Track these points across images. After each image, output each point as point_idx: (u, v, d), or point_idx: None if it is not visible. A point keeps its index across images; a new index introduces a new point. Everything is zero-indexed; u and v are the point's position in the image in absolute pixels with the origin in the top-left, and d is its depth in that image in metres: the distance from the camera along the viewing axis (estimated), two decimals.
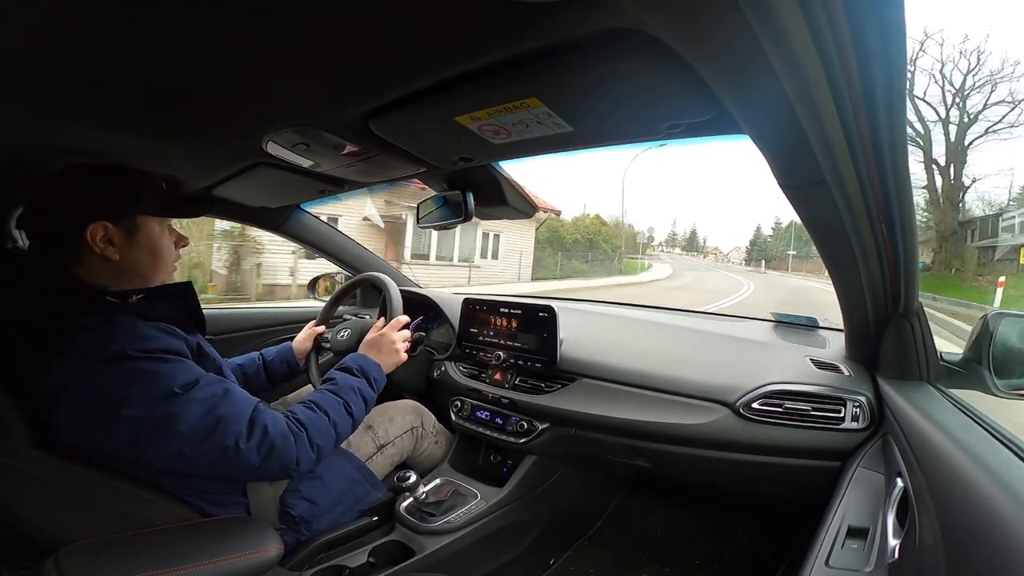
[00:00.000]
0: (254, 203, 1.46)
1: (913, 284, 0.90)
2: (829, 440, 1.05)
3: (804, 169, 0.63)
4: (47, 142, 0.85)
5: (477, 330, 1.60)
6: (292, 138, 0.85)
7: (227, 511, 0.94)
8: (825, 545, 0.76)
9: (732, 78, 0.50)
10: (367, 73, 0.63)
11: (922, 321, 0.98)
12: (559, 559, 1.59)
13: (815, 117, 0.52)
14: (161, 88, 0.66)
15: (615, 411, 1.26)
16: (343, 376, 1.08)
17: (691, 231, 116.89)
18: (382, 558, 1.17)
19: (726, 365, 1.27)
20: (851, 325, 1.13)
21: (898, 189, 0.66)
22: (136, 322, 0.82)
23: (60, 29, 0.51)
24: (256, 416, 0.87)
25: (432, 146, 0.91)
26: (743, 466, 1.16)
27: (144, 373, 0.78)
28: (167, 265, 0.95)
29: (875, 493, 0.86)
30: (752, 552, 1.62)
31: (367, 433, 1.29)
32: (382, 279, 1.42)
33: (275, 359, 1.38)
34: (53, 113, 0.74)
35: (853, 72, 0.47)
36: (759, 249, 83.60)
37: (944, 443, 0.69)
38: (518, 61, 0.58)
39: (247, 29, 0.52)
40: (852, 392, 1.07)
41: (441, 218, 1.30)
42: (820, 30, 0.41)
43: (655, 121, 0.71)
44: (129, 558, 0.77)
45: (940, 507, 0.60)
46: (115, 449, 0.78)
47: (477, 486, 1.40)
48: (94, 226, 0.83)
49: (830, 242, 0.82)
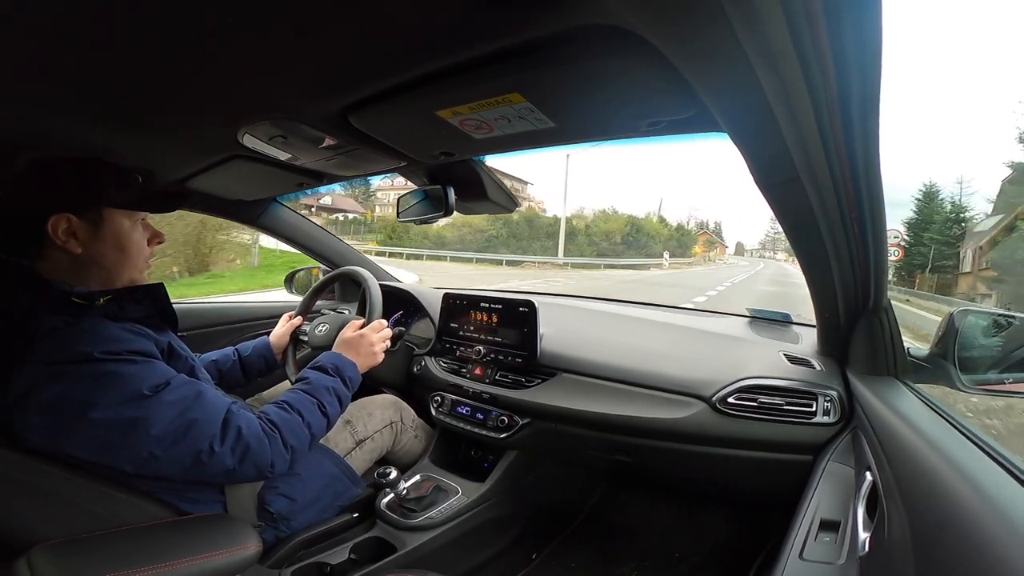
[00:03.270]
0: (230, 196, 1.43)
1: (882, 281, 0.92)
2: (801, 434, 1.08)
3: (780, 167, 0.65)
4: (16, 133, 0.82)
5: (457, 325, 1.59)
6: (269, 130, 0.83)
7: (204, 509, 0.92)
8: (799, 538, 0.78)
9: (712, 77, 0.51)
10: (346, 66, 0.62)
11: (891, 317, 1.01)
12: (541, 554, 1.60)
13: (792, 117, 0.53)
14: (132, 77, 0.64)
15: (595, 405, 1.27)
16: (317, 375, 1.07)
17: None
18: (363, 554, 1.17)
19: (703, 360, 1.29)
20: (823, 321, 1.16)
21: (869, 189, 0.68)
22: (103, 323, 0.80)
23: (30, 17, 0.49)
24: (230, 418, 0.85)
25: (413, 140, 0.90)
26: (720, 459, 1.18)
27: (112, 375, 0.76)
28: (135, 262, 0.92)
29: (846, 487, 0.89)
30: (730, 545, 1.65)
31: (345, 428, 1.28)
32: (362, 274, 1.41)
33: (251, 354, 1.36)
34: (21, 103, 0.71)
35: (830, 72, 0.47)
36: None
37: (911, 437, 0.71)
38: (501, 56, 0.58)
39: (221, 18, 0.50)
40: (823, 387, 1.09)
41: (422, 212, 1.29)
42: (800, 31, 0.42)
43: (636, 118, 0.72)
44: (103, 557, 0.75)
45: (907, 500, 0.62)
46: (84, 454, 0.76)
47: (458, 481, 1.40)
48: (56, 218, 0.80)
49: (804, 239, 0.84)
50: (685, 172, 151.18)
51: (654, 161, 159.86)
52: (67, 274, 0.83)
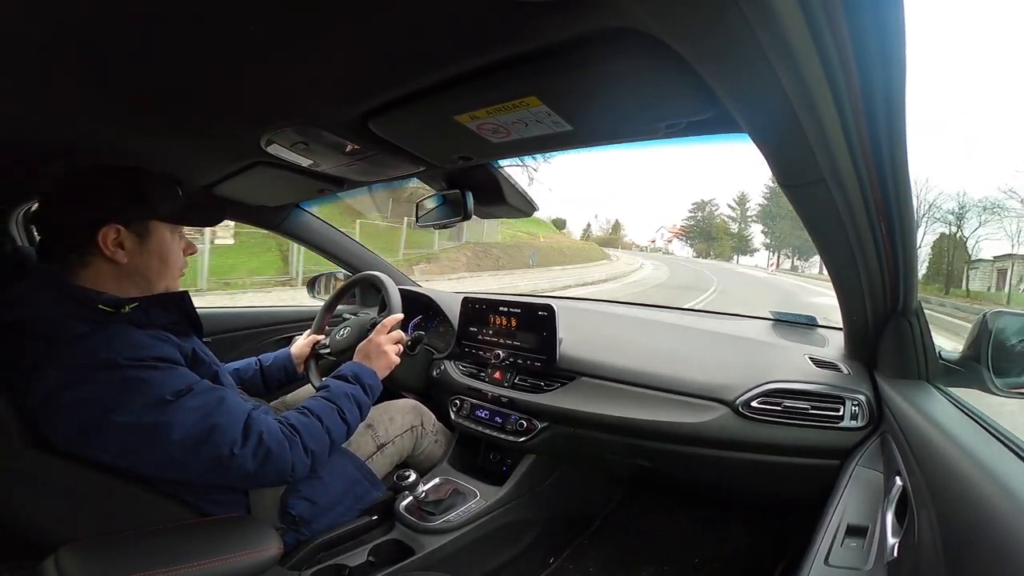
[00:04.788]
0: (253, 202, 1.46)
1: (912, 283, 0.90)
2: (828, 439, 1.05)
3: (803, 168, 0.64)
4: (46, 140, 0.85)
5: (476, 329, 1.60)
6: (292, 137, 0.85)
7: (228, 511, 0.94)
8: (824, 543, 0.76)
9: (732, 77, 0.50)
10: (367, 72, 0.64)
11: (921, 320, 0.98)
12: (558, 558, 1.59)
13: (814, 116, 0.52)
14: (161, 86, 0.66)
15: (614, 410, 1.26)
16: (337, 383, 1.08)
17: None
18: (382, 557, 1.17)
19: (725, 364, 1.27)
20: (850, 324, 1.13)
21: (897, 189, 0.66)
22: (129, 330, 0.82)
23: (61, 25, 0.51)
24: (251, 423, 0.87)
25: (431, 145, 0.91)
26: (743, 465, 1.16)
27: (135, 381, 0.77)
28: (174, 272, 0.95)
29: (874, 492, 0.87)
30: (751, 551, 1.62)
31: (367, 432, 1.29)
32: (380, 278, 1.42)
33: (273, 365, 1.38)
34: (52, 111, 0.74)
35: (852, 71, 0.47)
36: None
37: (943, 442, 0.69)
38: (517, 60, 0.58)
39: (247, 28, 0.52)
40: (851, 391, 1.07)
41: (440, 217, 1.30)
42: (819, 29, 0.41)
43: (655, 120, 0.72)
44: (128, 557, 0.77)
45: (939, 505, 0.60)
46: (107, 458, 0.78)
47: (476, 485, 1.40)
48: (107, 228, 0.83)
49: (830, 241, 0.82)
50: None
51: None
52: (109, 283, 0.85)
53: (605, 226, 75.35)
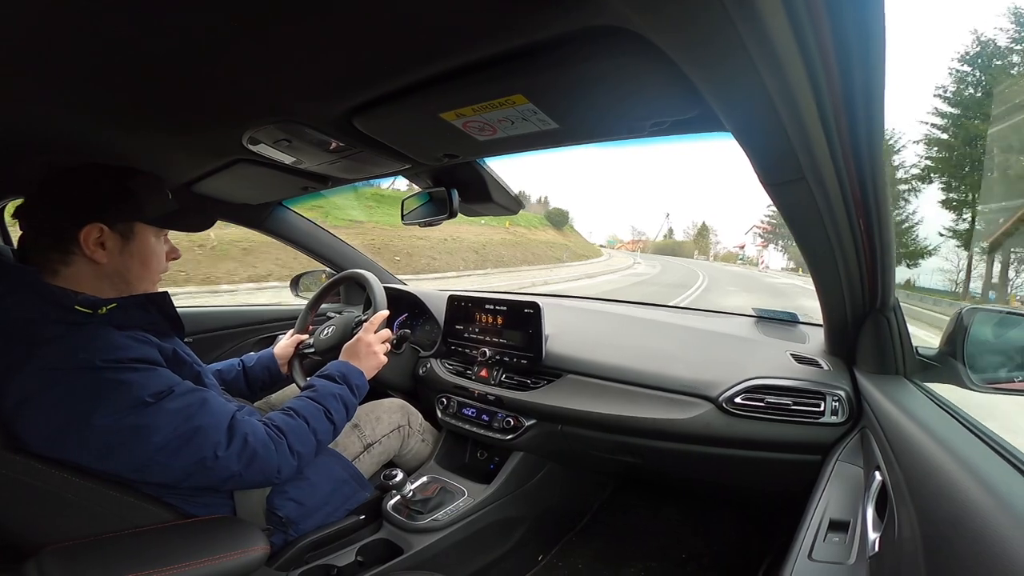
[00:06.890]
0: (235, 200, 1.43)
1: (889, 280, 0.92)
2: (809, 434, 1.07)
3: (785, 167, 0.65)
4: (27, 135, 0.83)
5: (462, 327, 1.59)
6: (274, 134, 0.83)
7: (212, 512, 0.93)
8: (807, 538, 0.77)
9: (716, 76, 0.51)
10: (351, 69, 0.63)
11: (898, 316, 1.00)
12: (547, 555, 1.60)
13: (796, 115, 0.53)
14: (138, 79, 0.64)
15: (601, 407, 1.27)
16: (323, 383, 1.07)
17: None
18: (370, 557, 1.17)
19: (709, 360, 1.29)
20: (830, 320, 1.15)
21: (875, 187, 0.68)
22: (107, 331, 0.80)
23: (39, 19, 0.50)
24: (235, 425, 0.85)
25: (417, 143, 0.90)
26: (727, 460, 1.17)
27: (113, 383, 0.76)
28: (154, 276, 0.93)
29: (855, 486, 0.88)
30: (738, 546, 1.64)
31: (353, 432, 1.28)
32: (365, 276, 1.41)
33: (256, 366, 1.36)
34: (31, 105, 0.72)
35: (834, 71, 0.47)
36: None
37: (920, 437, 0.70)
38: (504, 58, 0.58)
39: (226, 22, 0.51)
40: (831, 386, 1.09)
41: (425, 215, 1.29)
42: (802, 30, 0.42)
43: (640, 118, 0.72)
44: (111, 560, 0.75)
45: (918, 500, 0.61)
46: (86, 460, 0.76)
47: (464, 483, 1.40)
48: (90, 227, 0.81)
49: (810, 238, 0.84)
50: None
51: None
52: (87, 283, 0.83)
53: (690, 229, 70.77)
